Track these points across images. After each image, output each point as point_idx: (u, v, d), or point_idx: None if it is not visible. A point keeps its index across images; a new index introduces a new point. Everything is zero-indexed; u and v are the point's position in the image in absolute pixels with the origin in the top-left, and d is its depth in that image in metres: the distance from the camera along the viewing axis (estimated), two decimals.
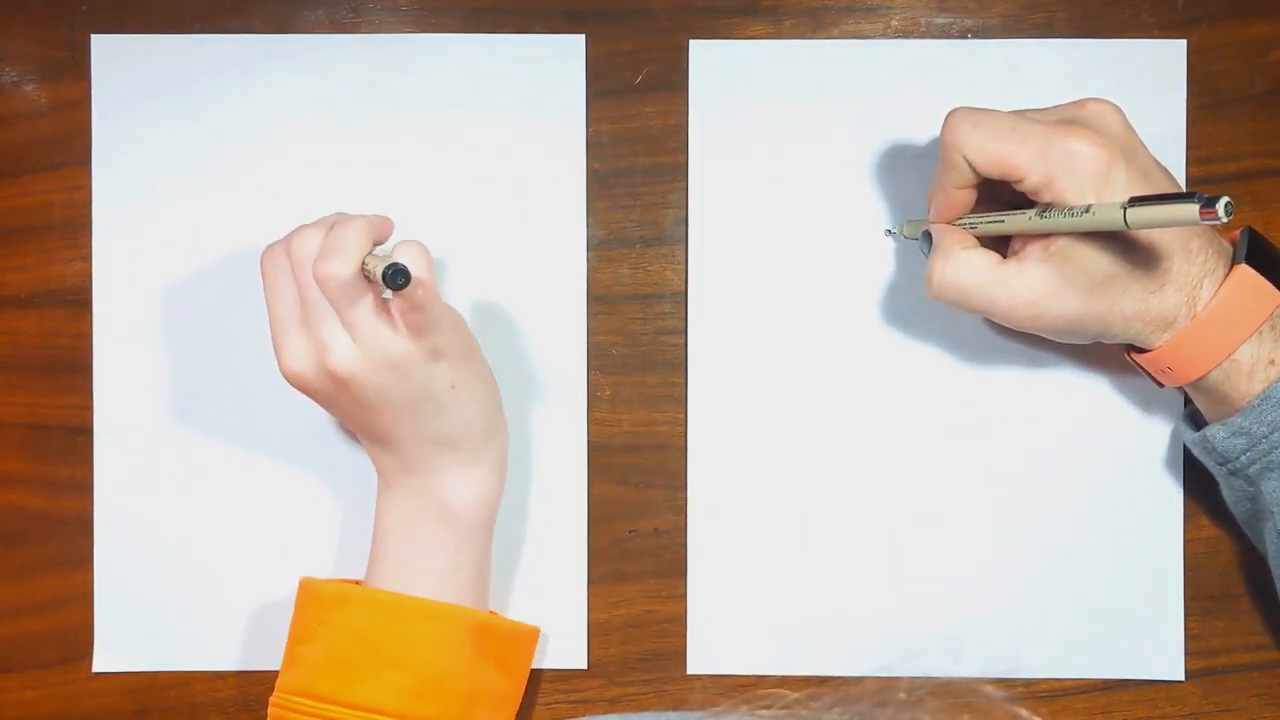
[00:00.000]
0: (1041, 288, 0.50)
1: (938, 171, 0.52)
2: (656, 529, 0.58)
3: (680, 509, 0.58)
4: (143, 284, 0.58)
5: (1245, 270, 0.49)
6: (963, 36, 0.58)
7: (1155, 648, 0.58)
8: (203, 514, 0.58)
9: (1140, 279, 0.49)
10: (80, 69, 0.58)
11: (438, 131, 0.58)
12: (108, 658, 0.58)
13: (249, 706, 0.58)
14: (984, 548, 0.58)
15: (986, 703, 0.37)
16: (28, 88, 0.59)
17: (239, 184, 0.58)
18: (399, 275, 0.46)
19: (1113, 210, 0.46)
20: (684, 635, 0.58)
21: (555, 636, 0.58)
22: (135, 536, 0.58)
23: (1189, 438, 0.54)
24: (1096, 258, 0.49)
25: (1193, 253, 0.49)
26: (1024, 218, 0.50)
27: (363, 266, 0.48)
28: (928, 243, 0.53)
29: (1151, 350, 0.51)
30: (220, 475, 0.58)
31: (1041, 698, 0.58)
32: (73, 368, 0.58)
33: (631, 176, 0.59)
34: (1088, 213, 0.47)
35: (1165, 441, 0.58)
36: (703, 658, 0.58)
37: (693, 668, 0.58)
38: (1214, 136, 0.58)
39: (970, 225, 0.52)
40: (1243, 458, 0.51)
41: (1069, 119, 0.50)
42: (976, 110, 0.50)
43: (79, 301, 0.58)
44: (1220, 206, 0.43)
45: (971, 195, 0.52)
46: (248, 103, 0.58)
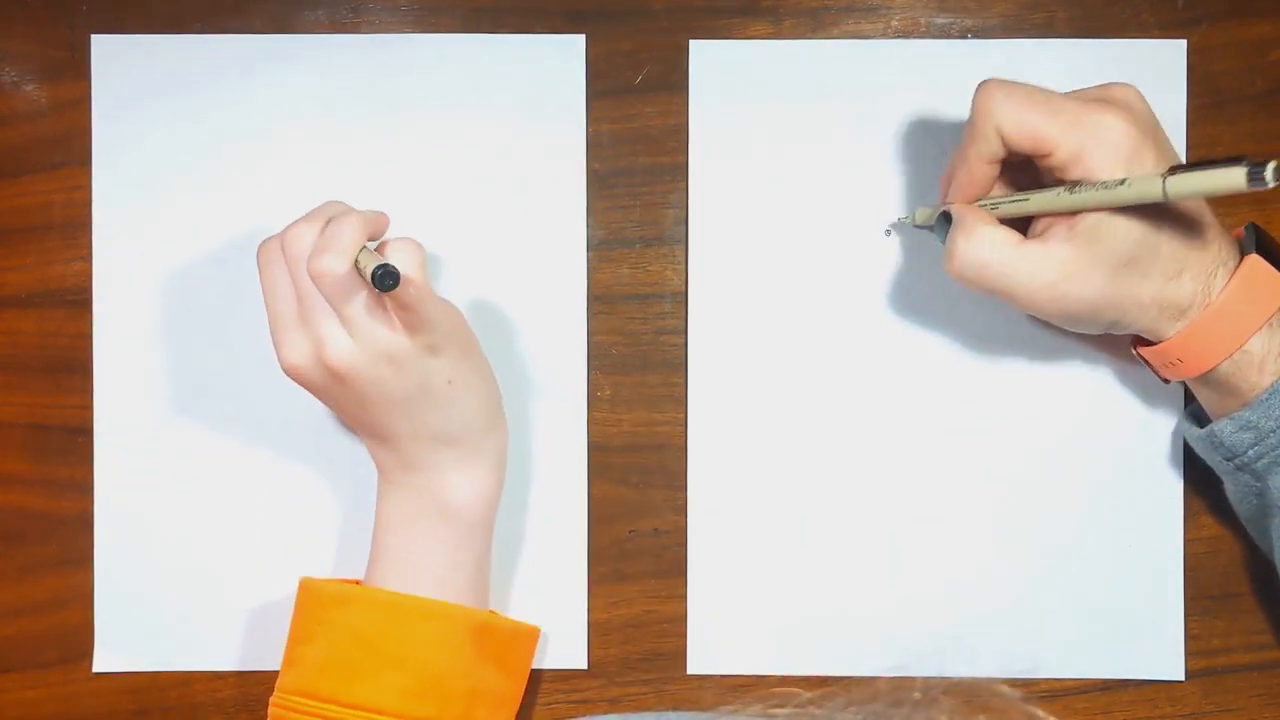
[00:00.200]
0: (1064, 266, 0.49)
1: (963, 144, 0.51)
2: (656, 529, 0.58)
3: (680, 509, 0.58)
4: (143, 284, 0.58)
5: (1257, 260, 0.49)
6: (963, 36, 0.58)
7: (1155, 648, 0.58)
8: (203, 514, 0.58)
9: (1161, 265, 0.49)
10: (80, 69, 0.58)
11: (438, 131, 0.58)
12: (108, 658, 0.58)
13: (249, 706, 0.58)
14: (984, 547, 0.58)
15: (1002, 703, 0.37)
16: (28, 88, 0.59)
17: (239, 184, 0.58)
18: (387, 277, 0.46)
19: (1150, 181, 0.45)
20: (684, 635, 0.58)
21: (555, 636, 0.58)
22: (135, 536, 0.58)
23: (1193, 435, 0.54)
24: (1123, 240, 0.48)
25: (1208, 242, 0.49)
26: (1052, 194, 0.49)
27: (356, 264, 0.48)
28: (944, 225, 0.52)
29: (1163, 341, 0.51)
30: (220, 475, 0.58)
31: (1041, 698, 0.58)
32: (73, 368, 0.58)
33: (631, 176, 0.59)
34: (1123, 184, 0.46)
35: (1166, 441, 0.58)
36: (703, 658, 0.58)
37: (693, 668, 0.58)
38: (1214, 136, 0.58)
39: (992, 205, 0.51)
40: (1250, 452, 0.51)
41: (1098, 98, 0.49)
42: (1008, 81, 0.50)
43: (79, 301, 0.58)
44: (1269, 171, 0.42)
45: (995, 171, 0.51)
46: (248, 103, 0.58)
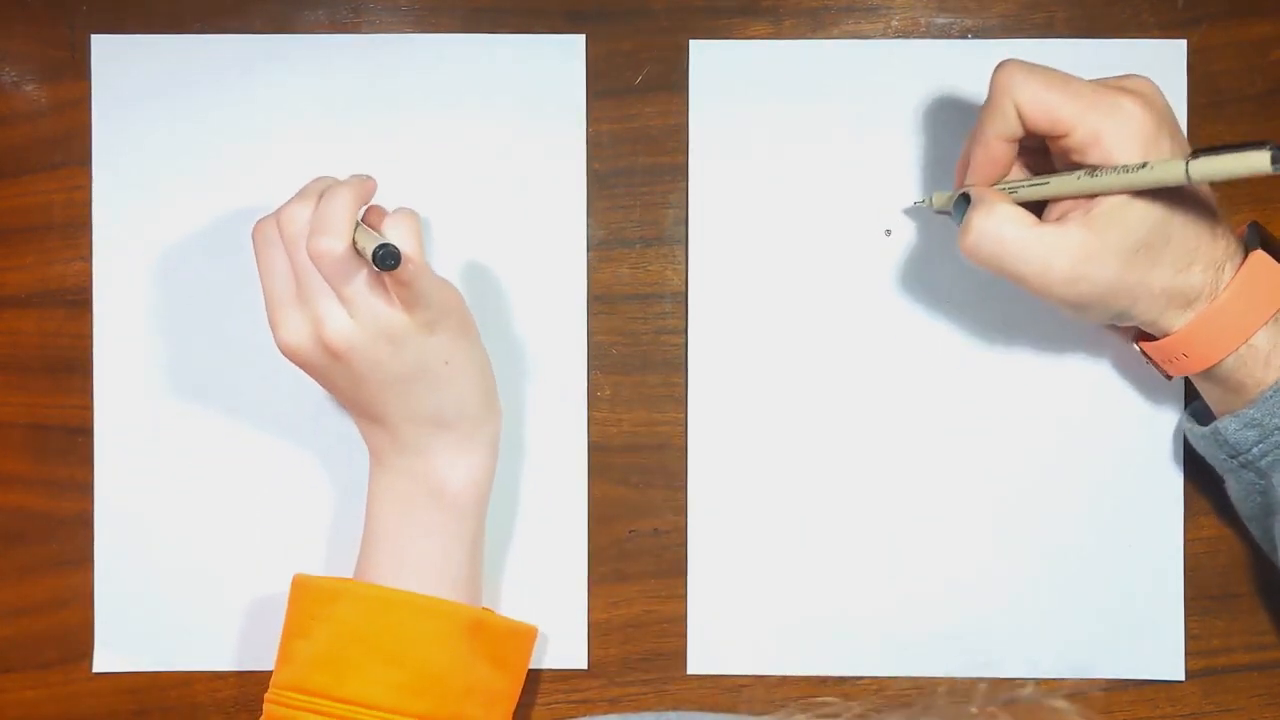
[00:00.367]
0: (1080, 249, 0.48)
1: (980, 122, 0.51)
2: (656, 529, 0.58)
3: (680, 509, 0.58)
4: (143, 284, 0.58)
5: (1262, 255, 0.50)
6: (963, 36, 0.58)
7: (1155, 648, 0.58)
8: (203, 514, 0.58)
9: (1172, 253, 0.49)
10: (80, 69, 0.58)
11: (438, 131, 0.58)
12: (108, 658, 0.58)
13: (249, 706, 0.58)
14: (984, 547, 0.58)
15: (1061, 717, 0.37)
16: (28, 88, 0.59)
17: (239, 184, 0.58)
18: (389, 257, 0.46)
19: (1173, 164, 0.45)
20: (684, 635, 0.58)
21: (555, 636, 0.58)
22: (135, 536, 0.58)
23: (1196, 433, 0.54)
24: (1138, 226, 0.48)
25: (1218, 235, 0.50)
26: (1072, 177, 0.49)
27: (354, 242, 0.48)
28: (963, 206, 0.51)
29: (1169, 334, 0.51)
30: (221, 475, 0.58)
31: (1041, 698, 0.58)
32: (73, 368, 0.58)
33: (631, 176, 0.59)
34: (1144, 168, 0.47)
35: (1166, 441, 0.58)
36: (703, 658, 0.58)
37: (693, 668, 0.58)
38: (1214, 136, 0.58)
39: (1011, 188, 0.51)
40: (1254, 449, 0.51)
41: (1116, 86, 0.49)
42: (1028, 62, 0.50)
43: (79, 301, 0.58)
44: None
45: (1013, 151, 0.51)
46: (248, 103, 0.58)
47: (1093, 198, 0.48)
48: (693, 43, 0.58)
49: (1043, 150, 0.51)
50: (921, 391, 0.58)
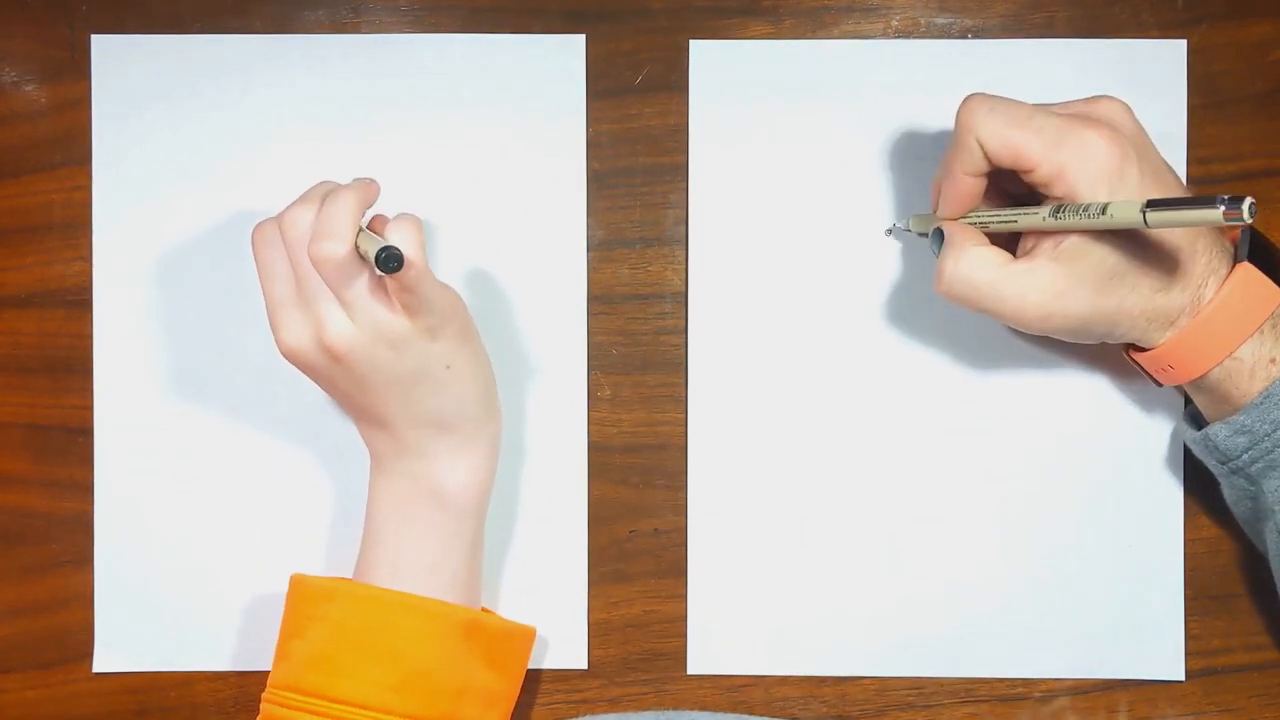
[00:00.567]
0: (1051, 287, 0.49)
1: (948, 156, 0.51)
2: (656, 529, 0.58)
3: (680, 509, 0.58)
4: (143, 284, 0.58)
5: (1248, 269, 0.49)
6: (963, 36, 0.58)
7: (1155, 648, 0.58)
8: (203, 514, 0.58)
9: (1149, 277, 0.49)
10: (80, 69, 0.58)
11: (438, 131, 0.58)
12: (108, 658, 0.58)
13: (249, 706, 0.58)
14: (984, 548, 0.58)
15: None
16: (28, 88, 0.59)
17: (239, 184, 0.58)
18: (391, 260, 0.46)
19: (1132, 211, 0.46)
20: (684, 635, 0.58)
21: (555, 636, 0.58)
22: (135, 536, 0.58)
23: (1190, 437, 0.54)
24: (1108, 256, 0.49)
25: (1198, 252, 0.49)
26: (1038, 217, 0.49)
27: (356, 246, 0.48)
28: (938, 240, 0.53)
29: (1153, 348, 0.51)
30: (221, 475, 0.58)
31: (1041, 698, 0.58)
32: (73, 368, 0.58)
33: (631, 176, 0.59)
34: (1105, 213, 0.47)
35: (1165, 441, 0.58)
36: (703, 658, 0.58)
37: (693, 668, 0.58)
38: (1214, 136, 0.58)
39: (982, 223, 0.52)
40: (1244, 456, 0.51)
41: (1082, 114, 0.50)
42: (993, 96, 0.50)
43: (79, 301, 0.58)
44: (1245, 208, 0.43)
45: (981, 185, 0.51)
46: (248, 103, 0.58)
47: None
48: (693, 43, 0.58)
49: (1017, 176, 0.51)
50: (922, 391, 0.58)
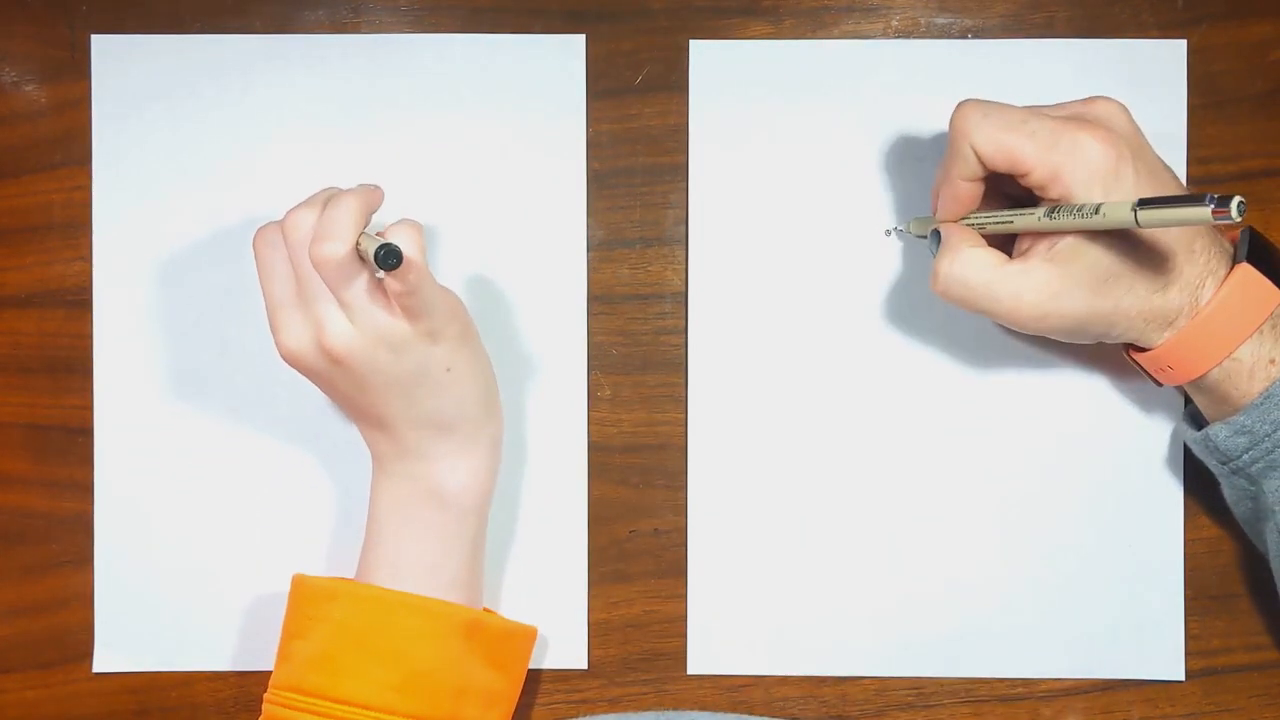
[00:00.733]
0: (1046, 288, 0.49)
1: (944, 163, 0.52)
2: (656, 529, 0.58)
3: (680, 509, 0.58)
4: (143, 284, 0.58)
5: (1247, 269, 0.49)
6: (963, 36, 0.58)
7: (1155, 648, 0.58)
8: (203, 514, 0.58)
9: (1145, 278, 0.49)
10: (80, 69, 0.58)
11: (438, 131, 0.58)
12: (108, 658, 0.58)
13: (249, 706, 0.58)
14: (984, 548, 0.58)
15: None
16: (28, 88, 0.59)
17: (239, 184, 0.58)
18: (390, 256, 0.46)
19: (1123, 210, 0.46)
20: (684, 635, 0.58)
21: (555, 636, 0.58)
22: (135, 536, 0.58)
23: (1190, 437, 0.54)
24: (1103, 257, 0.49)
25: (1195, 252, 0.49)
26: (1033, 218, 0.49)
27: (357, 246, 0.48)
28: (936, 242, 0.53)
29: (1152, 349, 0.51)
30: (221, 475, 0.58)
31: (1041, 698, 0.58)
32: (73, 368, 0.58)
33: (631, 176, 0.59)
34: (1098, 213, 0.47)
35: (1165, 441, 0.58)
36: (703, 658, 0.58)
37: (693, 668, 0.58)
38: (1214, 136, 0.58)
39: (978, 224, 0.52)
40: (1244, 456, 0.51)
41: (1077, 115, 0.50)
42: (986, 102, 0.50)
43: (79, 301, 0.58)
44: (1233, 206, 0.43)
45: (978, 189, 0.51)
46: (248, 103, 0.58)
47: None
48: (693, 43, 0.58)
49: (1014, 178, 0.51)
50: (922, 391, 0.58)
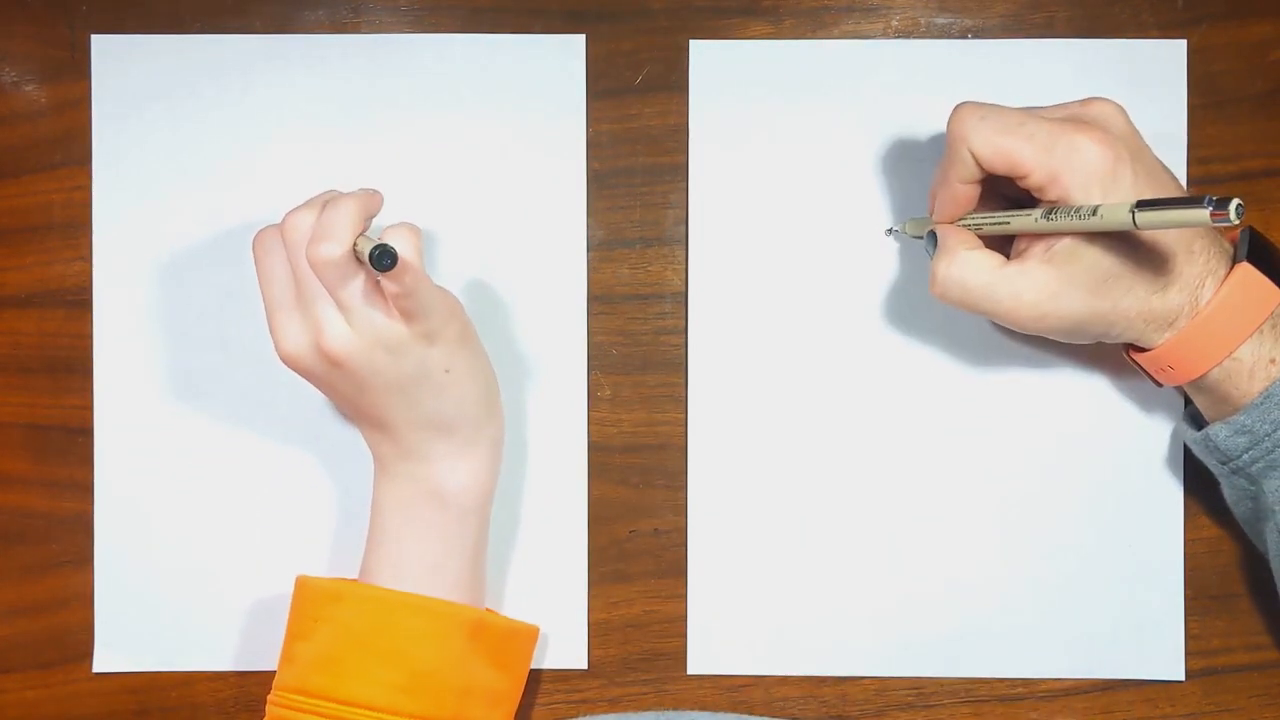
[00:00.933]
0: (1044, 289, 0.49)
1: (942, 166, 0.52)
2: (656, 529, 0.58)
3: (680, 509, 0.58)
4: (143, 284, 0.58)
5: (1247, 269, 0.49)
6: (963, 36, 0.58)
7: (1155, 648, 0.58)
8: (203, 514, 0.58)
9: (1144, 279, 0.49)
10: (80, 69, 0.58)
11: (438, 131, 0.58)
12: (108, 658, 0.58)
13: (249, 706, 0.58)
14: (984, 548, 0.58)
15: None
16: (28, 88, 0.59)
17: (239, 184, 0.58)
18: (385, 256, 0.46)
19: (1121, 212, 0.46)
20: (684, 635, 0.58)
21: (555, 636, 0.58)
22: (135, 536, 0.58)
23: (1190, 437, 0.54)
24: (1101, 258, 0.49)
25: (1195, 253, 0.49)
26: (1030, 219, 0.49)
27: (354, 247, 0.48)
28: (933, 243, 0.53)
29: (1152, 349, 0.51)
30: (221, 475, 0.58)
31: (1041, 698, 0.58)
32: (73, 368, 0.58)
33: (631, 176, 0.59)
34: (1095, 214, 0.47)
35: (1165, 441, 0.58)
36: (703, 658, 0.58)
37: (693, 668, 0.58)
38: (1214, 136, 0.58)
39: (975, 225, 0.52)
40: (1245, 456, 0.51)
41: (1074, 117, 0.50)
42: (983, 104, 0.50)
43: (79, 301, 0.58)
44: (1231, 209, 0.43)
45: (975, 191, 0.52)
46: (248, 103, 0.58)
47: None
48: (693, 43, 0.58)
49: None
50: (922, 391, 0.58)
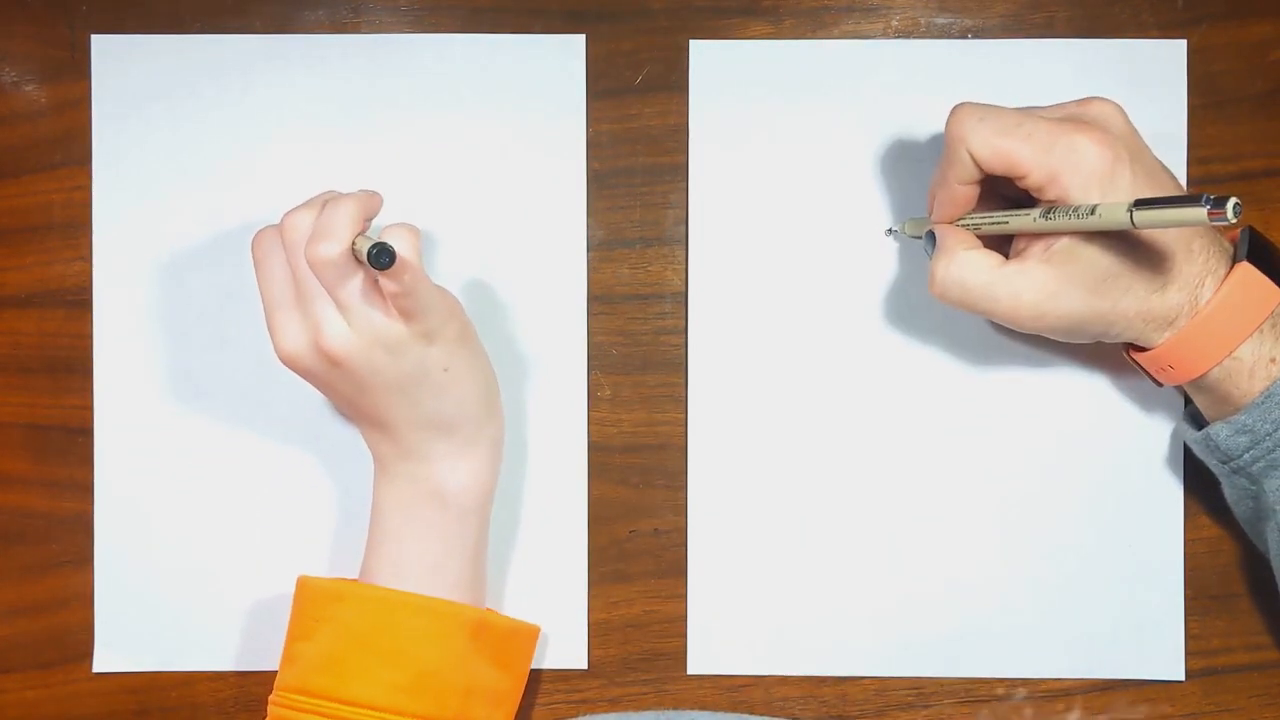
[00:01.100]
0: (1043, 288, 0.49)
1: (941, 166, 0.52)
2: (656, 529, 0.58)
3: (680, 509, 0.58)
4: (143, 284, 0.58)
5: (1247, 268, 0.49)
6: (963, 36, 0.58)
7: (1155, 648, 0.58)
8: (203, 514, 0.58)
9: (1143, 278, 0.49)
10: (80, 69, 0.58)
11: (438, 131, 0.58)
12: (108, 658, 0.58)
13: (249, 706, 0.58)
14: (984, 547, 0.58)
15: None
16: (28, 88, 0.59)
17: (239, 184, 0.58)
18: (383, 255, 0.46)
19: (1119, 211, 0.46)
20: (684, 635, 0.58)
21: (555, 636, 0.58)
22: (135, 536, 0.58)
23: (1190, 437, 0.54)
24: (1100, 258, 0.49)
25: (1194, 252, 0.49)
26: (1028, 218, 0.49)
27: (352, 246, 0.48)
28: (931, 243, 0.53)
29: (1152, 349, 0.51)
30: (221, 475, 0.58)
31: (1041, 698, 0.58)
32: (73, 368, 0.58)
33: (631, 176, 0.59)
34: (1093, 214, 0.47)
35: (1165, 441, 0.58)
36: (703, 658, 0.58)
37: (693, 668, 0.58)
38: (1214, 136, 0.58)
39: (973, 225, 0.52)
40: (1245, 456, 0.51)
41: (1073, 117, 0.50)
42: (982, 105, 0.50)
43: (79, 301, 0.58)
44: (1229, 208, 0.43)
45: (974, 192, 0.52)
46: (248, 103, 0.58)
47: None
48: (693, 43, 0.58)
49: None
50: (922, 391, 0.58)
